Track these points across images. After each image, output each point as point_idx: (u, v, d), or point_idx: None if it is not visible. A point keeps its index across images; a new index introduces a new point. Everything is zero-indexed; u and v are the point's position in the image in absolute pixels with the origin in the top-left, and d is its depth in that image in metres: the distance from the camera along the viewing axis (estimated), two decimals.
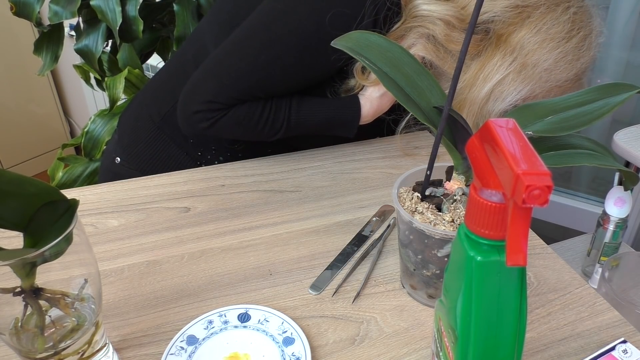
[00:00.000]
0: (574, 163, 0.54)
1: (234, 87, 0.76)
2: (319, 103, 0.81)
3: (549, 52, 0.71)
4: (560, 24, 0.71)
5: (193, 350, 0.53)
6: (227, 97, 0.77)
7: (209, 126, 0.78)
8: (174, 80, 0.90)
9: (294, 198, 0.78)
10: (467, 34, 0.46)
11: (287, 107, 0.79)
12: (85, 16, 1.40)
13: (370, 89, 0.81)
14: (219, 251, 0.67)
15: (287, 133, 0.81)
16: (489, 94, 0.73)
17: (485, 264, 0.34)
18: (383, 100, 0.82)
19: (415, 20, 0.74)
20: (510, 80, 0.72)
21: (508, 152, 0.29)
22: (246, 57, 0.76)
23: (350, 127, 0.83)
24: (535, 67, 0.72)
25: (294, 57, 0.75)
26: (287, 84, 0.79)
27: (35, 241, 0.41)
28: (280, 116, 0.79)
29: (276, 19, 0.75)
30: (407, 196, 0.55)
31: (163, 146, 0.91)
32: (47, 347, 0.44)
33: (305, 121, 0.81)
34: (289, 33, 0.74)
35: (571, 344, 0.55)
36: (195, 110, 0.77)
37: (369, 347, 0.54)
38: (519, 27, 0.71)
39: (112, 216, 0.73)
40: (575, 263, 1.22)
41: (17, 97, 2.43)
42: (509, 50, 0.72)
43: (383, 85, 0.54)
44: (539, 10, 0.71)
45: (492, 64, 0.73)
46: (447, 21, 0.73)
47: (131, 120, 0.96)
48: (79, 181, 1.45)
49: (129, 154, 0.94)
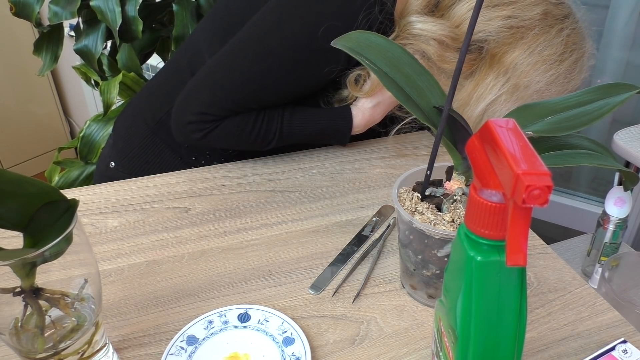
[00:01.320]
0: (574, 163, 0.54)
1: (226, 98, 0.77)
2: (312, 114, 0.82)
3: (541, 74, 0.72)
4: (554, 46, 0.72)
5: (193, 350, 0.53)
6: (220, 108, 0.77)
7: (202, 137, 0.78)
8: (169, 85, 0.90)
9: (294, 198, 0.78)
10: (462, 49, 0.46)
11: (279, 118, 0.80)
12: (85, 16, 1.40)
13: (362, 99, 0.82)
14: (219, 251, 0.67)
15: (279, 143, 0.81)
16: (482, 114, 0.74)
17: (485, 264, 0.34)
18: (375, 111, 0.83)
19: (409, 37, 0.74)
20: (503, 101, 0.73)
21: (508, 152, 0.29)
22: (239, 69, 0.76)
23: (342, 138, 0.84)
24: (527, 89, 0.73)
25: (286, 69, 0.75)
26: (279, 95, 0.79)
27: (35, 241, 0.41)
28: (273, 127, 0.80)
29: (269, 32, 0.75)
30: (407, 196, 0.55)
31: (157, 151, 0.91)
32: (47, 347, 0.44)
33: (297, 132, 0.81)
34: (282, 45, 0.74)
35: (571, 344, 0.55)
36: (188, 121, 0.78)
37: (369, 347, 0.54)
38: (512, 47, 0.72)
39: (112, 216, 0.73)
40: (575, 263, 1.22)
41: (17, 97, 2.43)
42: (502, 70, 0.73)
43: (383, 85, 0.54)
44: (533, 32, 0.72)
45: (486, 84, 0.74)
46: (440, 41, 0.73)
47: (126, 124, 0.96)
48: (75, 184, 1.46)
49: (123, 158, 0.94)
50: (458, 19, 0.73)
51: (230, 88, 0.76)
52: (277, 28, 0.75)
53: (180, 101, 0.79)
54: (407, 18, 0.74)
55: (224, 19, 0.87)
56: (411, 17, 0.74)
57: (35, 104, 2.51)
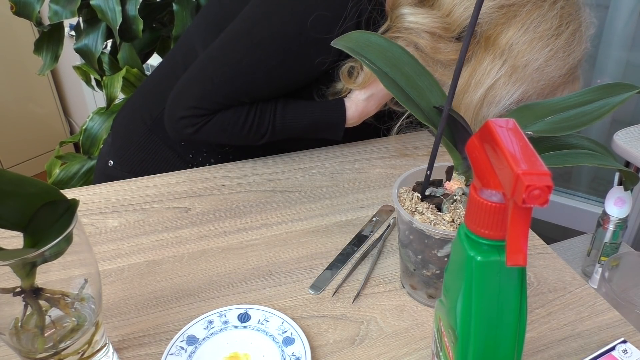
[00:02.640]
0: (574, 163, 0.54)
1: (218, 92, 0.76)
2: (305, 107, 0.81)
3: (538, 51, 0.70)
4: (548, 20, 0.70)
5: (193, 350, 0.53)
6: (212, 102, 0.77)
7: (195, 132, 0.78)
8: (165, 83, 0.90)
9: (294, 198, 0.78)
10: (464, 44, 0.46)
11: (272, 111, 0.79)
12: (85, 16, 1.40)
13: (356, 92, 0.81)
14: (219, 251, 0.67)
15: (272, 137, 0.81)
16: (482, 99, 0.73)
17: (485, 264, 0.34)
18: (369, 103, 0.82)
19: (401, 31, 0.74)
20: (502, 84, 0.72)
21: (508, 152, 0.29)
22: (229, 62, 0.76)
23: (336, 130, 0.83)
24: (526, 68, 0.71)
25: (276, 61, 0.75)
26: (271, 88, 0.78)
27: (35, 241, 0.41)
28: (266, 120, 0.79)
29: (257, 23, 0.75)
30: (407, 196, 0.55)
31: (155, 149, 0.91)
32: (47, 347, 0.44)
33: (290, 125, 0.81)
34: (271, 37, 0.74)
35: (571, 344, 0.55)
36: (180, 116, 0.78)
37: (369, 347, 0.54)
38: (506, 27, 0.70)
39: (112, 216, 0.73)
40: (575, 263, 1.22)
41: (17, 96, 2.43)
42: (498, 52, 0.71)
43: (383, 85, 0.54)
44: (525, 8, 0.70)
45: (483, 69, 0.72)
46: (432, 33, 0.72)
47: (124, 123, 0.96)
48: (75, 178, 1.46)
49: (121, 156, 0.94)
50: (448, 7, 0.71)
51: (221, 82, 0.76)
52: (266, 19, 0.74)
53: (173, 97, 0.79)
54: (398, 10, 0.74)
55: (216, 15, 0.86)
56: (402, 9, 0.73)
57: (35, 104, 2.51)
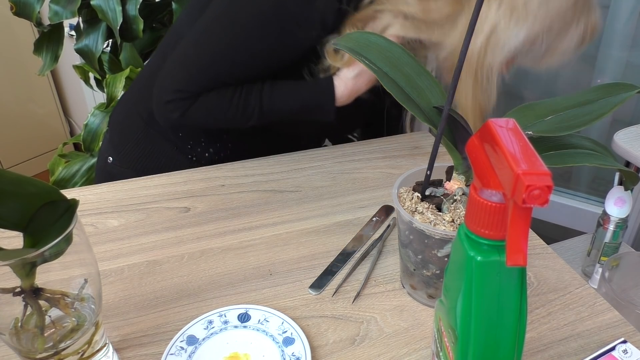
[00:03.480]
0: (574, 163, 0.54)
1: (201, 74, 0.76)
2: (292, 86, 0.80)
3: None
4: None
5: (193, 350, 0.53)
6: (195, 85, 0.77)
7: (181, 115, 0.78)
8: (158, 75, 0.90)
9: (294, 198, 0.77)
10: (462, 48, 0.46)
11: (258, 92, 0.78)
12: (85, 16, 1.40)
13: (344, 69, 0.79)
14: (219, 251, 0.67)
15: (261, 119, 0.80)
16: (485, 46, 0.68)
17: (485, 264, 0.34)
18: (358, 81, 0.79)
19: (384, 2, 0.72)
20: (502, 28, 0.67)
21: (508, 152, 0.29)
22: (210, 44, 0.75)
23: (326, 110, 0.81)
24: (527, 5, 0.66)
25: (257, 39, 0.74)
26: (255, 68, 0.77)
27: (35, 241, 0.41)
28: (252, 102, 0.78)
29: (234, 3, 0.74)
30: (407, 196, 0.55)
31: (153, 142, 0.91)
32: (47, 347, 0.44)
33: (278, 106, 0.79)
34: (249, 15, 0.73)
35: (571, 344, 0.55)
36: (166, 100, 0.78)
37: (369, 347, 0.54)
38: None
39: (112, 216, 0.73)
40: (575, 263, 1.22)
41: (17, 96, 2.43)
42: None
43: (383, 85, 0.54)
44: None
45: None
46: None
47: (120, 119, 0.96)
48: (77, 176, 1.46)
49: (120, 152, 0.94)
50: None
51: (202, 63, 0.76)
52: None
53: (159, 82, 0.79)
54: None
55: (204, 3, 0.85)
56: None
57: (35, 104, 2.51)
